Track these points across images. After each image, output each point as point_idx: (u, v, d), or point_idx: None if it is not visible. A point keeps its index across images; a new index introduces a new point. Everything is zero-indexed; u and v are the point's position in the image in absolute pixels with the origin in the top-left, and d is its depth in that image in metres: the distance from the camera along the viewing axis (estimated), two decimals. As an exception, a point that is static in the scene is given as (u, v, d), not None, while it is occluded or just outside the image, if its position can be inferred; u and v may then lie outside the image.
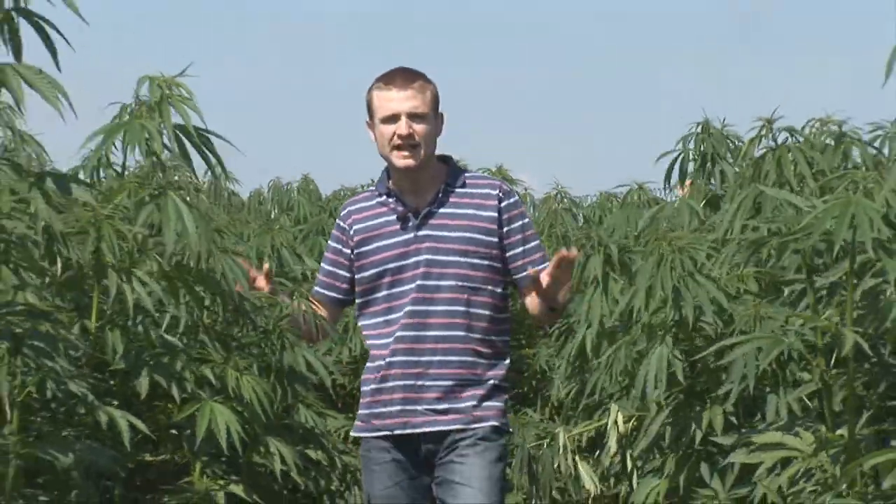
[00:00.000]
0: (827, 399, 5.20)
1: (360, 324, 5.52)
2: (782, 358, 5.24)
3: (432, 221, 5.23)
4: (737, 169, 7.63)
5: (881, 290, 4.95)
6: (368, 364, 5.44)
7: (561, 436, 7.13)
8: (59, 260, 5.30)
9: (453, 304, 5.18)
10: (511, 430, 5.38)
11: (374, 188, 5.52)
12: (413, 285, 5.22)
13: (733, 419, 5.83)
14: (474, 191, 5.32)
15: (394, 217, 5.28)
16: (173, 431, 5.78)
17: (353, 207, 5.45)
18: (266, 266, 5.55)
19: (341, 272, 5.44)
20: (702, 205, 7.43)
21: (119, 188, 5.70)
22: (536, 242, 5.39)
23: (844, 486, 4.79)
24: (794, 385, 5.43)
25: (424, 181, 5.28)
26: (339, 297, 5.48)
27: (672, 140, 7.76)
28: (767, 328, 5.13)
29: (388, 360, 5.25)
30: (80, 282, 5.53)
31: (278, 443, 6.04)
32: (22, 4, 4.51)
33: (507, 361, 5.40)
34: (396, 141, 5.14)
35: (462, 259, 5.19)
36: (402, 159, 5.15)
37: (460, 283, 5.18)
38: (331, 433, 7.66)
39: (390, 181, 5.37)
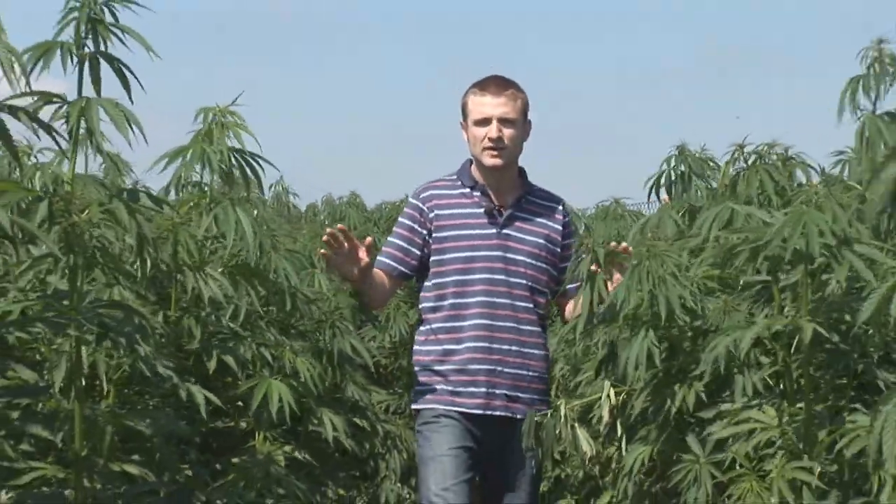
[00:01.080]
0: (787, 379, 5.27)
1: (426, 304, 5.23)
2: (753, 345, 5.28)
3: (514, 223, 5.09)
4: (714, 184, 7.70)
5: (829, 287, 5.04)
6: (442, 346, 5.17)
7: (562, 407, 7.15)
8: (148, 260, 5.42)
9: (525, 300, 5.05)
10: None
11: (453, 178, 5.26)
12: (489, 276, 5.04)
13: (703, 397, 5.87)
14: (546, 203, 5.22)
15: (480, 210, 5.10)
16: (240, 403, 5.85)
17: (435, 192, 5.21)
18: (368, 240, 5.08)
19: (413, 249, 5.17)
20: (680, 215, 7.43)
21: (185, 200, 5.81)
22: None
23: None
24: (757, 367, 5.47)
25: (506, 183, 5.15)
26: (406, 272, 5.21)
27: (654, 161, 7.78)
28: (734, 319, 5.18)
29: (470, 343, 5.06)
30: (162, 278, 5.62)
31: (330, 413, 6.13)
32: (102, 48, 4.65)
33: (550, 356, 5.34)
34: (487, 143, 5.00)
35: (533, 261, 5.08)
36: (490, 158, 5.01)
37: (529, 283, 5.06)
38: (374, 406, 7.70)
39: (475, 177, 5.21)
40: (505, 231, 5.00)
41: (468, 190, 5.09)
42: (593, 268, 4.79)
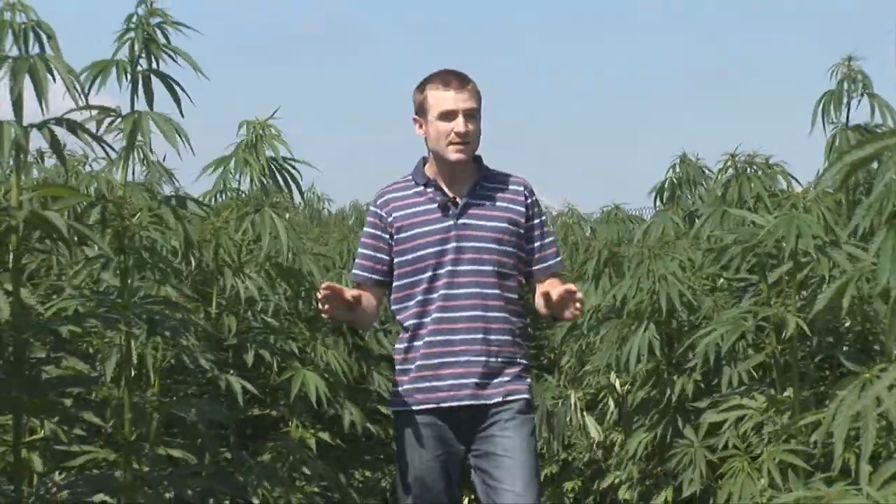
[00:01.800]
0: (776, 369, 5.31)
1: (395, 306, 4.73)
2: (741, 338, 5.31)
3: (471, 211, 4.62)
4: (705, 189, 7.76)
5: (814, 285, 5.08)
6: (405, 344, 4.68)
7: (572, 396, 7.19)
8: (192, 261, 5.48)
9: (490, 287, 4.58)
10: (537, 403, 4.85)
11: (408, 178, 4.80)
12: (452, 268, 4.56)
13: (701, 385, 5.90)
14: (505, 186, 4.73)
15: (434, 205, 4.64)
16: (274, 392, 5.90)
17: (390, 196, 4.74)
18: (355, 292, 4.60)
19: (381, 255, 4.71)
20: (681, 218, 7.45)
21: (224, 206, 5.87)
22: (552, 238, 4.84)
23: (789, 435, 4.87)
24: (745, 359, 5.51)
25: (462, 175, 4.69)
26: (380, 278, 4.72)
27: (654, 170, 7.84)
28: (725, 316, 5.21)
29: (429, 339, 4.58)
30: (203, 277, 5.67)
31: (350, 405, 6.17)
32: (154, 66, 4.71)
33: (528, 343, 4.82)
34: (454, 138, 4.56)
35: (497, 246, 4.60)
36: (455, 153, 4.57)
37: (495, 269, 4.58)
38: (397, 395, 7.72)
39: (427, 173, 4.75)
40: (462, 221, 4.60)
41: (422, 187, 4.70)
42: (578, 293, 4.47)
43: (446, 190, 4.64)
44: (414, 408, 4.56)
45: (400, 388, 4.64)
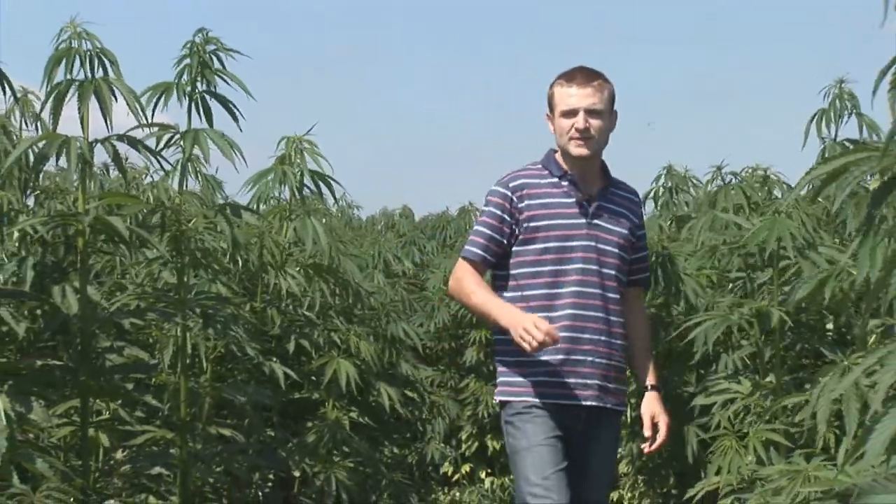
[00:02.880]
0: (759, 357, 5.31)
1: (510, 294, 4.23)
2: (731, 330, 5.31)
3: (602, 213, 4.21)
4: (693, 195, 7.77)
5: (795, 283, 5.07)
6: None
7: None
8: (239, 261, 5.51)
9: (611, 290, 4.20)
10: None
11: (538, 166, 4.31)
12: (584, 266, 4.14)
13: (701, 371, 5.89)
14: (626, 194, 4.35)
15: (571, 200, 4.19)
16: (313, 378, 5.92)
17: (525, 181, 4.25)
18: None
19: (500, 238, 4.20)
20: (668, 223, 7.45)
21: (270, 212, 5.89)
22: (646, 252, 4.50)
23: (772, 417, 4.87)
24: (737, 348, 5.50)
25: (592, 174, 4.26)
26: (492, 259, 4.25)
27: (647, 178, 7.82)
28: (718, 310, 5.21)
29: (564, 333, 4.07)
30: (249, 276, 5.69)
31: (386, 386, 6.19)
32: (209, 87, 4.73)
33: None
34: (574, 133, 4.13)
35: (619, 252, 4.23)
36: (577, 147, 4.13)
37: (615, 273, 4.22)
38: (422, 380, 7.75)
39: (562, 166, 4.27)
40: (594, 221, 4.19)
41: (557, 179, 4.23)
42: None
43: (582, 186, 4.22)
44: (533, 400, 4.10)
45: (519, 379, 4.16)
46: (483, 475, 8.61)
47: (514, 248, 4.21)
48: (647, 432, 4.13)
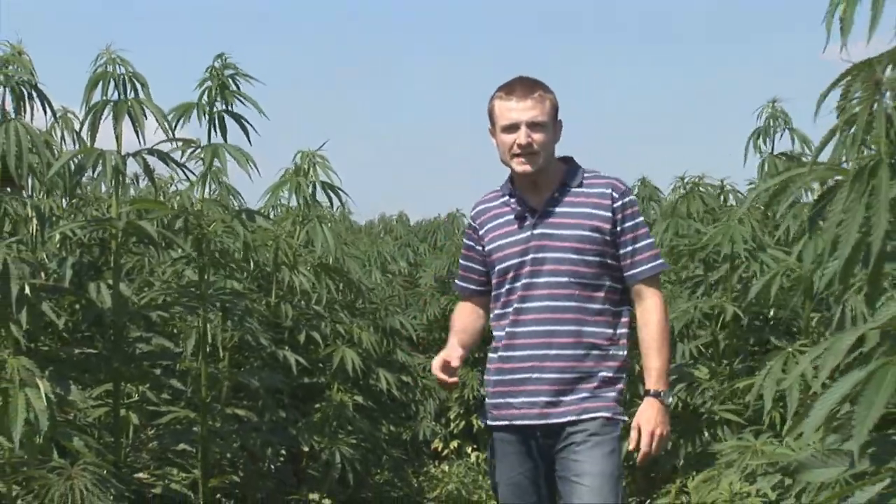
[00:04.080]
0: (715, 347, 5.35)
1: (491, 318, 3.72)
2: (689, 324, 5.34)
3: (548, 220, 3.54)
4: (659, 204, 7.82)
5: (748, 280, 5.12)
6: (491, 355, 3.70)
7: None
8: (251, 262, 5.52)
9: (565, 299, 3.50)
10: (626, 418, 3.57)
11: (497, 190, 3.74)
12: (527, 281, 3.53)
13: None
14: (591, 190, 3.58)
15: (513, 216, 3.61)
16: (321, 365, 5.93)
17: (481, 207, 3.77)
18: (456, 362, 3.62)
19: (476, 266, 3.72)
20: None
21: (284, 217, 5.91)
22: (647, 241, 3.61)
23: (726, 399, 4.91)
24: (694, 338, 5.54)
25: (543, 182, 3.59)
26: (477, 288, 3.74)
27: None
28: (677, 306, 5.25)
29: (502, 353, 3.59)
30: (266, 274, 5.71)
31: (384, 371, 6.20)
32: (227, 107, 4.75)
33: (623, 353, 3.57)
34: (516, 150, 3.51)
35: (575, 256, 3.49)
36: (520, 165, 3.52)
37: (573, 280, 3.48)
38: (416, 366, 7.75)
39: (513, 184, 3.68)
40: (539, 231, 3.53)
41: (507, 197, 3.67)
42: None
43: (529, 199, 3.60)
44: (495, 423, 3.61)
45: (486, 403, 3.68)
46: (469, 450, 8.65)
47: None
48: (630, 445, 3.42)
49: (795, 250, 4.35)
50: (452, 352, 3.60)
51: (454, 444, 8.71)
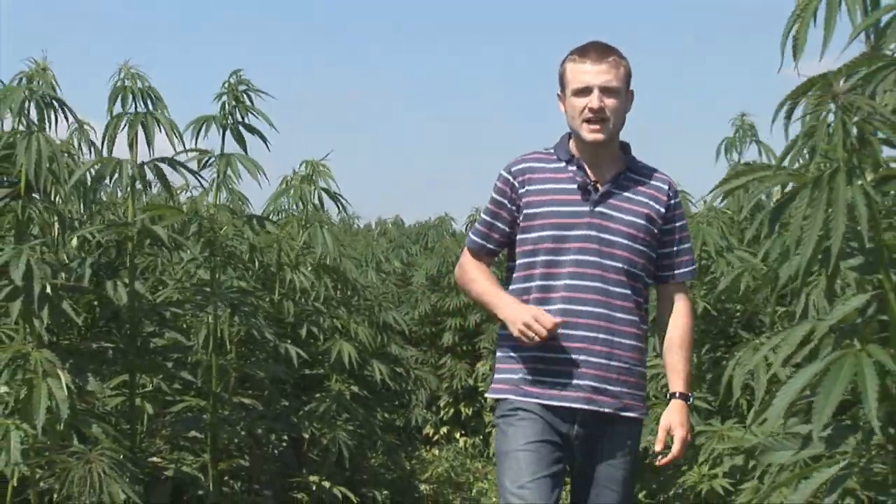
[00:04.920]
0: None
1: (515, 286, 3.23)
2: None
3: (610, 201, 3.15)
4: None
5: (716, 279, 5.12)
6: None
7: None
8: (256, 262, 5.52)
9: (619, 285, 3.13)
10: (647, 414, 3.36)
11: (549, 151, 3.27)
12: (579, 258, 3.11)
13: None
14: (649, 181, 3.22)
15: (574, 186, 3.16)
16: (320, 357, 5.92)
17: (528, 165, 3.25)
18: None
19: (499, 224, 3.27)
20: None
21: (287, 221, 5.90)
22: (688, 245, 3.29)
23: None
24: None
25: (606, 158, 3.20)
26: (494, 248, 3.31)
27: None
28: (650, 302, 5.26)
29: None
30: (270, 274, 5.70)
31: (379, 363, 6.20)
32: (241, 119, 4.75)
33: (646, 347, 3.29)
34: (587, 114, 3.10)
35: (629, 243, 3.13)
36: (590, 133, 3.11)
37: (625, 267, 3.13)
38: (408, 358, 7.76)
39: (571, 150, 3.24)
40: (599, 209, 3.14)
41: (563, 164, 3.22)
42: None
43: (589, 172, 3.19)
44: (519, 400, 3.14)
45: (507, 377, 3.21)
46: (458, 436, 8.69)
47: (517, 237, 3.26)
48: (658, 446, 3.13)
49: (762, 250, 4.36)
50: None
51: (444, 430, 8.76)
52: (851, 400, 2.04)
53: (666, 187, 3.22)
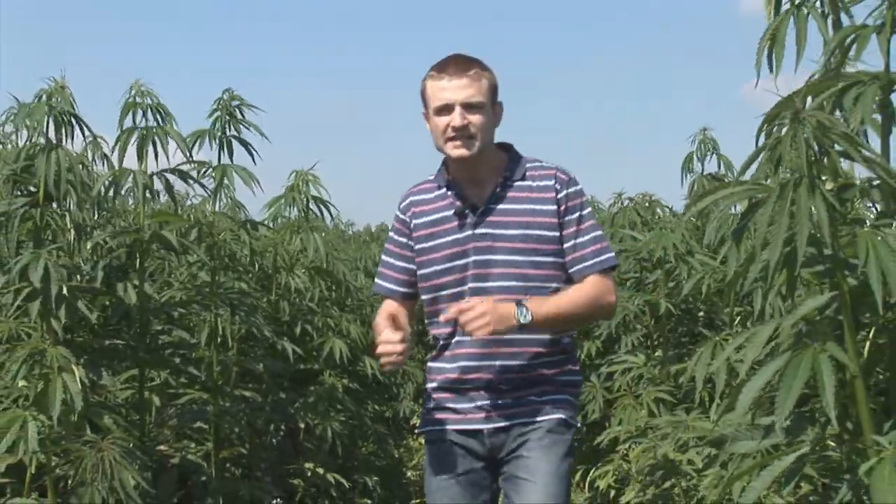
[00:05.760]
0: (650, 337, 5.36)
1: (426, 321, 2.90)
2: (627, 317, 5.36)
3: (490, 218, 2.73)
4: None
5: (679, 281, 5.14)
6: (430, 364, 2.89)
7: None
8: (256, 265, 5.50)
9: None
10: (579, 425, 3.03)
11: (431, 179, 2.89)
12: (471, 286, 2.72)
13: (601, 348, 5.92)
14: (534, 183, 2.77)
15: (452, 212, 2.77)
16: (314, 353, 5.91)
17: (415, 198, 2.88)
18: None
19: (403, 264, 2.87)
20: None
21: (283, 228, 5.89)
22: (592, 235, 2.75)
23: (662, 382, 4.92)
24: (632, 331, 5.56)
25: (483, 173, 2.78)
26: (405, 290, 2.88)
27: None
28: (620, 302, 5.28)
29: (452, 363, 2.79)
30: (267, 276, 5.68)
31: (369, 359, 6.18)
32: (234, 133, 4.73)
33: (573, 356, 2.85)
34: (450, 133, 2.70)
35: (521, 258, 2.71)
36: (455, 150, 2.71)
37: (519, 283, 2.69)
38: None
39: (449, 173, 2.85)
40: (480, 231, 2.73)
41: (444, 190, 2.83)
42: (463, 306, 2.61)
43: (468, 193, 2.79)
44: (436, 428, 2.84)
45: (424, 410, 2.94)
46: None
47: (417, 273, 2.85)
48: (451, 310, 2.60)
49: (721, 253, 4.38)
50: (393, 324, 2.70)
51: (429, 420, 8.75)
52: (809, 393, 2.04)
53: (552, 182, 2.76)
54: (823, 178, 1.83)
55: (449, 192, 2.80)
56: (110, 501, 3.55)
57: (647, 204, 6.26)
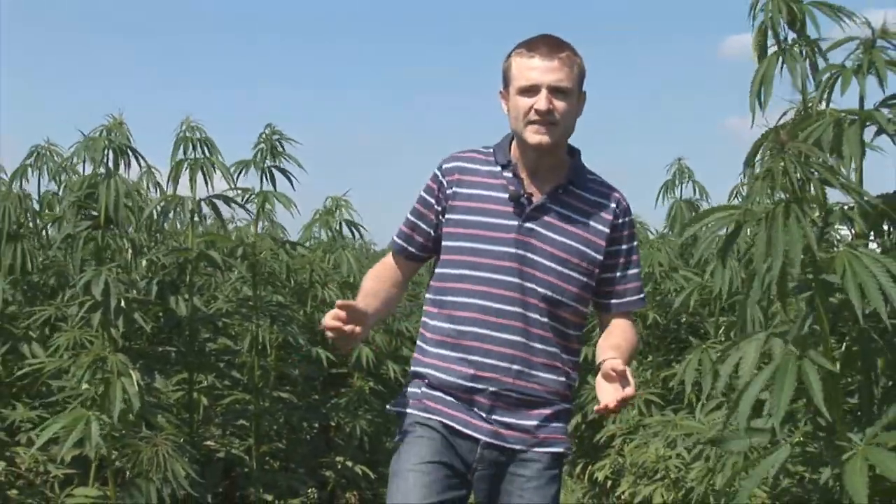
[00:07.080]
0: (643, 343, 5.30)
1: (430, 295, 2.30)
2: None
3: (543, 217, 2.23)
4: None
5: (666, 294, 5.09)
6: (426, 345, 2.29)
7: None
8: (292, 280, 5.46)
9: (539, 312, 2.21)
10: (572, 450, 2.63)
11: (488, 151, 2.33)
12: (496, 277, 2.20)
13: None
14: (594, 198, 2.28)
15: (505, 195, 2.24)
16: (345, 358, 5.87)
17: (461, 164, 2.31)
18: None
19: (426, 228, 2.33)
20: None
21: (318, 247, 5.86)
22: (636, 271, 2.31)
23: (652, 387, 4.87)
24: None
25: (548, 166, 2.27)
26: (417, 253, 2.37)
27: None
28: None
29: (456, 353, 2.22)
30: (303, 290, 5.65)
31: (392, 364, 6.13)
32: (277, 163, 4.69)
33: (575, 381, 2.30)
34: (533, 116, 2.19)
35: (558, 267, 2.21)
36: (535, 135, 2.20)
37: (549, 293, 2.20)
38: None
39: (512, 153, 2.30)
40: (528, 225, 2.22)
41: (499, 169, 2.29)
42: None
43: (525, 180, 2.27)
44: (423, 414, 2.24)
45: (411, 390, 2.30)
46: None
47: (441, 244, 2.33)
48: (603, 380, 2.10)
49: (708, 272, 4.33)
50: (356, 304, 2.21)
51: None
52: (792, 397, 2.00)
53: (613, 205, 2.29)
54: (812, 206, 1.79)
55: (505, 174, 2.28)
56: (164, 490, 3.55)
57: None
